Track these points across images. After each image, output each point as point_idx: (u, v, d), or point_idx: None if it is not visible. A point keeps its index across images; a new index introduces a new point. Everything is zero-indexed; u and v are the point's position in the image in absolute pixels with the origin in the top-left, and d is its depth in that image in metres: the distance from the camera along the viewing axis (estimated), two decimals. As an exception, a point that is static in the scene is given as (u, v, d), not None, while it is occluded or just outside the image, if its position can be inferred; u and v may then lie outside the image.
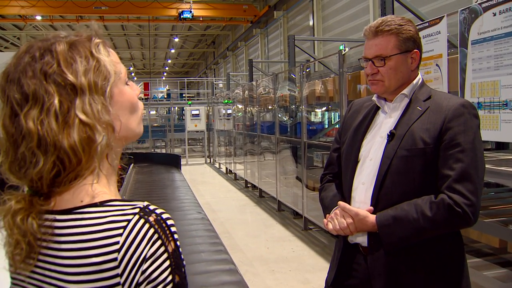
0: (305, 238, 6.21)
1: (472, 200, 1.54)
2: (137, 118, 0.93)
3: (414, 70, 1.75)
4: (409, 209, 1.59)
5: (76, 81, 0.81)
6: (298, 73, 7.04)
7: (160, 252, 0.79)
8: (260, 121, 9.64)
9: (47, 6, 17.15)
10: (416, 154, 1.62)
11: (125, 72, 0.91)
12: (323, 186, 1.97)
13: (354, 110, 1.94)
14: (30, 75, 0.81)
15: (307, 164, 6.69)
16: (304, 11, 15.10)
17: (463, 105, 1.63)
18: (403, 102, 1.74)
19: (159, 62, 36.93)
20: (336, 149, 1.96)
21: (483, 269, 3.21)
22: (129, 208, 0.81)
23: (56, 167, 0.79)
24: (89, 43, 0.87)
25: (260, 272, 4.99)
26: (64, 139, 0.78)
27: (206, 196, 9.59)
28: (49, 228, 0.80)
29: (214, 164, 15.78)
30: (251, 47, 22.21)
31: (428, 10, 7.76)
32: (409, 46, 1.70)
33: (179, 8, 18.51)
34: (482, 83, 2.75)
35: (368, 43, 1.74)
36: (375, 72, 1.72)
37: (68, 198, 0.83)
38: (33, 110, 0.79)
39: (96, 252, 0.78)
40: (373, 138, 1.77)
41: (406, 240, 1.60)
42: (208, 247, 4.18)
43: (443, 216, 1.55)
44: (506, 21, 2.57)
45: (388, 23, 1.70)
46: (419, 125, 1.65)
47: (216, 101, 15.66)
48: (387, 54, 1.69)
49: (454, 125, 1.59)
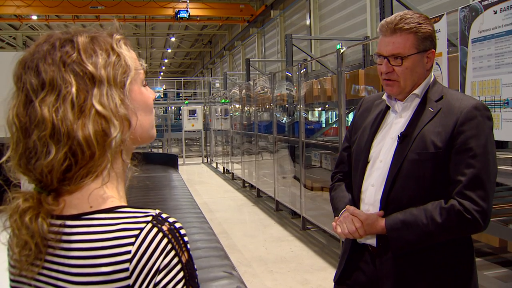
0: (303, 238, 6.19)
1: (483, 206, 1.51)
2: (152, 120, 0.91)
3: (428, 70, 1.71)
4: (419, 214, 1.57)
5: (95, 72, 0.79)
6: (296, 72, 7.02)
7: (174, 263, 0.76)
8: (258, 120, 9.62)
9: (43, 5, 17.10)
10: (427, 158, 1.59)
11: (143, 72, 0.89)
12: (333, 185, 1.95)
13: (365, 108, 1.90)
14: (49, 62, 0.78)
15: (305, 163, 6.68)
16: (301, 10, 15.10)
17: (475, 107, 1.58)
18: (414, 102, 1.71)
19: (156, 61, 36.87)
20: (346, 148, 1.94)
21: (483, 268, 3.21)
22: (141, 216, 0.78)
23: (67, 160, 0.75)
24: (111, 38, 0.85)
25: (258, 273, 4.97)
26: (79, 129, 0.75)
27: (204, 196, 9.56)
28: (58, 234, 0.77)
29: (211, 164, 15.75)
30: (248, 46, 22.20)
31: (426, 9, 7.76)
32: (426, 45, 1.65)
33: (176, 7, 18.48)
34: (483, 81, 2.73)
35: (385, 39, 1.67)
36: (390, 71, 1.66)
37: (77, 202, 0.79)
38: (49, 97, 0.76)
39: (106, 261, 0.74)
40: (384, 139, 1.74)
41: (414, 245, 1.59)
42: (206, 248, 4.15)
43: (453, 222, 1.53)
44: (507, 19, 2.54)
45: (407, 20, 1.62)
46: (430, 127, 1.61)
47: (213, 101, 15.64)
48: (405, 53, 1.63)
49: (466, 129, 1.55)
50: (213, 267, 3.66)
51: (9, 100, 0.80)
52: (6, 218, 0.79)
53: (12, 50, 22.56)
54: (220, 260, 3.81)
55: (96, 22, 19.87)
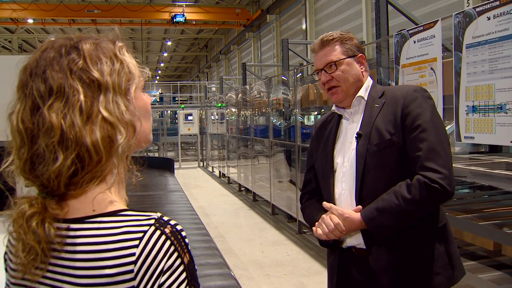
0: (299, 242, 6.20)
1: (445, 173, 1.59)
2: (151, 125, 0.93)
3: (364, 72, 1.83)
4: (389, 197, 1.64)
5: (101, 79, 0.80)
6: (292, 77, 7.05)
7: (177, 265, 0.78)
8: (254, 124, 9.64)
9: (39, 9, 17.07)
10: (385, 146, 1.69)
11: (143, 79, 0.91)
12: (304, 205, 2.01)
13: (319, 127, 2.00)
14: (56, 69, 0.79)
15: (301, 167, 6.69)
16: (297, 15, 15.14)
17: (414, 89, 1.73)
18: (361, 104, 1.82)
19: (152, 65, 36.82)
20: (310, 168, 2.01)
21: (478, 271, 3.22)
22: (144, 219, 0.80)
23: (74, 165, 0.76)
24: (113, 45, 0.87)
25: (255, 276, 4.98)
26: (87, 135, 0.76)
27: (200, 200, 9.56)
28: (63, 237, 0.78)
29: (207, 168, 15.75)
30: (244, 50, 22.23)
31: (421, 14, 7.81)
32: (354, 51, 1.81)
33: (172, 11, 18.50)
34: (477, 86, 2.76)
35: (317, 55, 1.84)
36: (330, 79, 1.80)
37: (80, 206, 0.80)
38: (57, 103, 0.77)
39: (111, 264, 0.76)
40: (343, 145, 1.83)
41: (395, 227, 1.65)
42: (203, 251, 4.15)
43: (422, 194, 1.59)
44: (500, 25, 2.58)
45: (330, 34, 1.82)
46: (380, 119, 1.72)
47: (209, 105, 15.65)
48: (337, 58, 1.78)
49: (411, 109, 1.67)
50: (210, 271, 3.66)
51: (11, 105, 0.81)
52: (10, 223, 0.79)
53: (8, 53, 22.51)
54: (216, 264, 3.82)
55: (92, 26, 19.90)
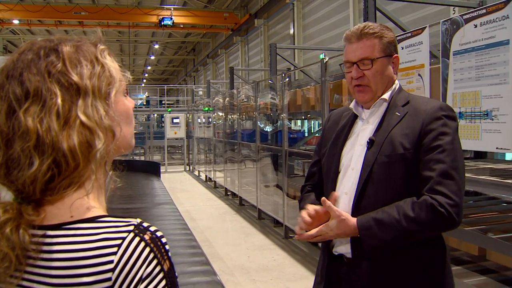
0: (285, 246, 6.20)
1: (456, 200, 1.49)
2: (132, 130, 0.91)
3: (395, 75, 1.75)
4: (391, 211, 1.54)
5: (80, 83, 0.78)
6: (279, 81, 7.06)
7: (156, 272, 0.76)
8: (241, 129, 9.63)
9: (25, 10, 16.91)
10: (396, 160, 1.59)
11: (125, 83, 0.89)
12: (303, 196, 1.93)
13: (333, 121, 1.90)
14: (33, 72, 0.77)
15: (288, 172, 6.70)
16: (285, 19, 15.20)
17: (440, 107, 1.61)
18: (382, 107, 1.72)
19: (139, 68, 36.68)
20: (316, 162, 1.92)
21: (463, 276, 3.24)
22: (123, 225, 0.78)
23: (51, 171, 0.74)
24: (95, 48, 0.85)
25: (241, 281, 4.95)
26: (64, 140, 0.74)
27: (186, 204, 9.51)
28: (39, 244, 0.75)
29: (193, 172, 15.69)
30: (232, 54, 22.24)
31: (409, 20, 7.88)
32: (391, 50, 1.70)
33: (160, 15, 18.46)
34: (464, 93, 2.78)
35: (352, 46, 1.70)
36: (361, 76, 1.68)
37: (57, 212, 0.78)
38: (34, 107, 0.75)
39: (88, 271, 0.74)
40: (353, 147, 1.74)
41: (389, 244, 1.54)
42: (189, 256, 4.13)
43: (426, 216, 1.49)
44: (486, 32, 2.61)
45: (371, 27, 1.69)
46: (398, 130, 1.62)
47: (196, 109, 15.61)
48: (374, 56, 1.66)
49: (433, 128, 1.57)
50: (196, 277, 3.63)
51: None
52: None
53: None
54: (202, 269, 3.79)
55: (79, 28, 19.73)
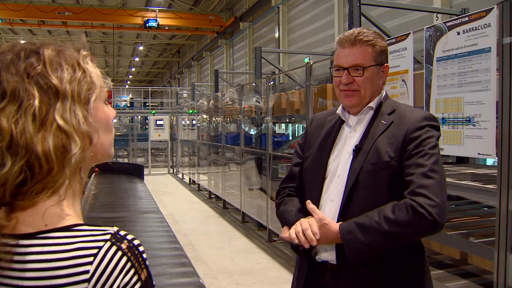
0: (269, 250, 6.19)
1: (436, 201, 1.48)
2: (112, 139, 0.89)
3: (383, 84, 1.76)
4: (372, 214, 1.54)
5: (60, 86, 0.77)
6: (264, 85, 7.07)
7: (134, 281, 0.75)
8: (225, 131, 9.62)
9: (7, 9, 16.69)
10: (382, 167, 1.60)
11: (106, 91, 0.88)
12: (283, 199, 1.88)
13: (317, 125, 1.89)
14: (12, 72, 0.76)
15: (272, 175, 6.70)
16: (270, 23, 15.25)
17: (425, 117, 1.64)
18: (368, 115, 1.73)
19: (123, 70, 36.45)
20: (297, 164, 1.89)
21: (445, 280, 3.27)
22: (99, 234, 0.76)
23: (23, 173, 0.72)
24: (77, 54, 0.84)
25: (224, 285, 4.93)
26: (39, 143, 0.73)
27: (169, 207, 9.45)
28: (10, 253, 0.73)
29: (177, 175, 15.61)
30: (216, 57, 22.24)
31: (393, 26, 7.96)
32: (382, 59, 1.71)
33: (145, 16, 18.39)
34: (447, 99, 2.82)
35: (344, 51, 1.70)
36: (351, 82, 1.69)
37: (31, 220, 0.76)
38: (9, 107, 0.73)
39: (63, 282, 0.72)
40: (340, 154, 1.74)
41: (372, 248, 1.53)
42: (172, 259, 4.10)
43: (406, 217, 1.48)
44: (469, 40, 2.65)
45: (365, 34, 1.69)
46: (383, 139, 1.63)
47: (180, 111, 15.56)
48: (365, 64, 1.67)
49: (416, 136, 1.59)
50: (179, 279, 3.61)
51: None
52: None
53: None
54: (185, 272, 3.77)
55: (63, 28, 19.54)
